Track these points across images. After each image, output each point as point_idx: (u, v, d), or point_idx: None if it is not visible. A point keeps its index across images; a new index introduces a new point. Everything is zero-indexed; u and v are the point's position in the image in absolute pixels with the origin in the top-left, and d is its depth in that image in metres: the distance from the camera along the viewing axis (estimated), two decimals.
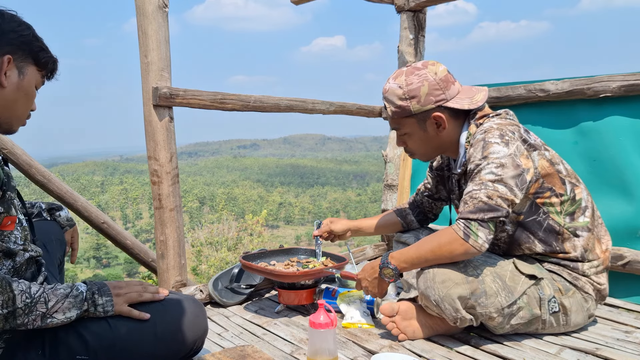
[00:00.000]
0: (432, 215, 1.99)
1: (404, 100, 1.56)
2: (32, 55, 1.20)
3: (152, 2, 1.85)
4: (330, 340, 1.37)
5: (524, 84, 2.40)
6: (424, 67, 1.57)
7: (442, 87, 1.56)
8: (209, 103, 2.07)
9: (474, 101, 1.58)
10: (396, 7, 2.94)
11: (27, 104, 1.23)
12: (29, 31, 1.19)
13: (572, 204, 1.56)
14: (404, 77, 1.57)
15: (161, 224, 1.98)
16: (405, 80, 1.56)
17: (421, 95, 1.55)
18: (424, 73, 1.55)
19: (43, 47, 1.23)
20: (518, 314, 1.51)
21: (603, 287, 1.61)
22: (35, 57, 1.21)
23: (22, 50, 1.18)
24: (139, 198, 54.91)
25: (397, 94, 1.57)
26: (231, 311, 1.95)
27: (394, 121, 1.64)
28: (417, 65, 1.58)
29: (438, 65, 1.58)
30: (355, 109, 2.84)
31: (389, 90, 1.59)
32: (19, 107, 1.21)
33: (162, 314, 1.23)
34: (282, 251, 2.20)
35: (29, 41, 1.19)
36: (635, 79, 2.06)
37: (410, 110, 1.57)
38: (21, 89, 1.19)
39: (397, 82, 1.57)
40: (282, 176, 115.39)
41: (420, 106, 1.56)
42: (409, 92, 1.55)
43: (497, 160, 1.45)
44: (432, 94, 1.55)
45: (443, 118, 1.57)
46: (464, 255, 1.44)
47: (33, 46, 1.20)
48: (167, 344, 1.22)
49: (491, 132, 1.49)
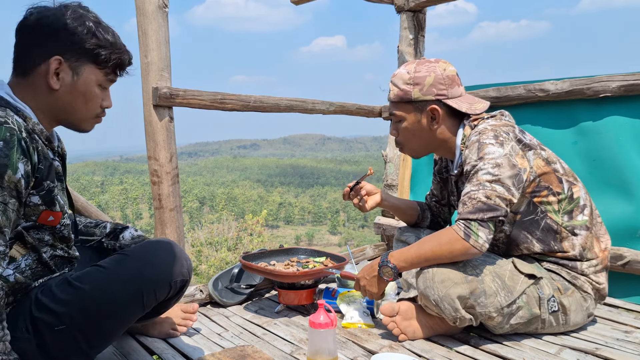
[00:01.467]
0: (440, 220, 1.98)
1: (408, 85, 1.61)
2: (86, 53, 1.14)
3: (152, 2, 1.85)
4: (330, 340, 1.37)
5: (524, 83, 2.40)
6: (436, 62, 1.62)
7: (446, 84, 1.59)
8: (209, 103, 2.07)
9: (473, 108, 1.62)
10: (396, 7, 2.94)
11: (88, 104, 1.19)
12: (84, 27, 1.13)
13: (570, 202, 1.57)
14: (414, 65, 1.62)
15: (161, 224, 1.98)
16: (415, 68, 1.61)
17: (425, 85, 1.59)
18: (433, 66, 1.60)
19: (101, 43, 1.15)
20: (517, 313, 1.52)
21: (602, 286, 1.61)
22: (92, 55, 1.15)
23: (74, 50, 1.13)
24: (139, 198, 54.94)
25: (403, 78, 1.62)
26: (231, 311, 1.95)
27: (393, 105, 1.67)
28: (430, 60, 1.64)
29: (449, 65, 1.63)
30: (355, 109, 2.84)
31: (397, 75, 1.64)
32: (79, 109, 1.18)
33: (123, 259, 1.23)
34: (282, 251, 2.20)
35: (81, 40, 1.12)
36: (635, 79, 2.06)
37: (411, 95, 1.60)
38: (76, 90, 1.16)
39: (406, 69, 1.63)
40: (282, 176, 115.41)
41: (421, 94, 1.59)
42: (415, 79, 1.60)
43: (493, 161, 1.46)
44: (435, 86, 1.59)
45: (439, 113, 1.60)
46: (464, 255, 1.45)
47: (87, 44, 1.13)
48: (137, 284, 1.20)
49: (485, 134, 1.51)
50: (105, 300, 1.17)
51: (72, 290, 1.17)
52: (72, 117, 1.20)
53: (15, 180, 1.02)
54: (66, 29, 1.11)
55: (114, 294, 1.19)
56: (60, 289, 1.17)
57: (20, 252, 1.16)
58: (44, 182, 1.13)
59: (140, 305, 1.24)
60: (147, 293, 1.22)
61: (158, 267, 1.26)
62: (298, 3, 3.05)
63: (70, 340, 1.17)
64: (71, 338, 1.16)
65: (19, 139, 1.03)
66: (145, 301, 1.23)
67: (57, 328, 1.14)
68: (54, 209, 1.17)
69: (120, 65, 1.22)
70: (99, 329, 1.19)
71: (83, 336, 1.18)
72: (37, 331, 1.14)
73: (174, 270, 1.27)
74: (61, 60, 1.12)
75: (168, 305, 1.39)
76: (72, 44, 1.12)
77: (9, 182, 1.01)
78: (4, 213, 1.02)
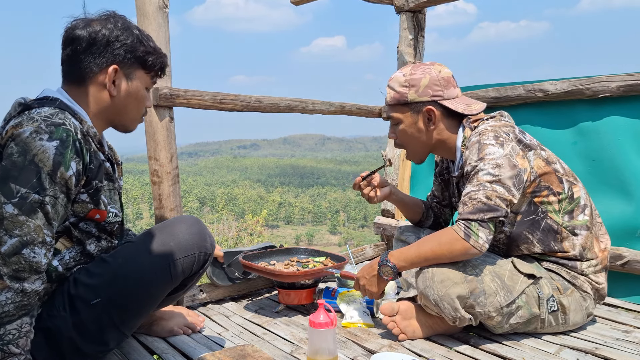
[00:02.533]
0: (442, 221, 1.99)
1: (404, 87, 1.62)
2: (138, 60, 1.28)
3: (152, 3, 1.85)
4: (330, 340, 1.37)
5: (523, 84, 2.40)
6: (431, 64, 1.64)
7: (441, 85, 1.61)
8: (209, 103, 2.08)
9: (470, 108, 1.63)
10: (395, 7, 2.94)
11: (139, 106, 1.33)
12: (133, 37, 1.26)
13: (570, 202, 1.57)
14: (410, 68, 1.64)
15: None
16: (410, 70, 1.63)
17: (420, 86, 1.60)
18: (428, 68, 1.62)
19: (148, 49, 1.29)
20: (517, 313, 1.52)
21: (602, 286, 1.62)
22: (142, 61, 1.28)
23: (128, 58, 1.26)
24: (139, 198, 54.94)
25: (399, 81, 1.64)
26: (231, 311, 1.95)
27: (390, 108, 1.68)
28: (425, 63, 1.66)
29: (444, 67, 1.65)
30: (354, 109, 2.84)
31: (393, 78, 1.66)
32: (131, 111, 1.32)
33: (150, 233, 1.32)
34: (282, 251, 2.21)
35: (133, 48, 1.25)
36: (634, 79, 2.06)
37: (407, 97, 1.62)
38: (130, 94, 1.29)
39: (402, 72, 1.65)
40: (282, 176, 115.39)
41: (416, 95, 1.61)
42: (410, 81, 1.61)
43: (494, 161, 1.46)
44: (430, 88, 1.60)
45: (435, 113, 1.61)
46: (464, 255, 1.45)
47: (138, 52, 1.26)
48: (164, 255, 1.28)
49: (485, 134, 1.52)
50: (134, 271, 1.25)
51: (105, 264, 1.26)
52: (125, 118, 1.33)
53: (66, 177, 1.11)
54: (118, 40, 1.23)
55: (142, 264, 1.27)
56: (95, 265, 1.26)
57: (66, 245, 1.25)
58: (92, 181, 1.22)
59: (168, 276, 1.30)
60: (173, 263, 1.30)
61: (183, 238, 1.33)
62: (298, 4, 3.05)
63: (104, 314, 1.24)
64: (105, 312, 1.24)
65: (74, 140, 1.12)
66: (172, 271, 1.30)
67: (92, 302, 1.21)
68: (99, 207, 1.26)
69: (162, 69, 1.36)
70: (130, 301, 1.27)
71: (116, 310, 1.25)
72: (74, 308, 1.21)
73: (198, 243, 1.35)
74: (117, 68, 1.25)
75: (193, 279, 1.46)
76: (126, 52, 1.25)
77: (60, 178, 1.10)
78: (53, 206, 1.10)
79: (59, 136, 1.10)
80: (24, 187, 1.06)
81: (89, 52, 1.22)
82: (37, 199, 1.07)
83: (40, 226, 1.09)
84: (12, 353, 1.08)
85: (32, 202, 1.07)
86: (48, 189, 1.09)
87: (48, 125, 1.10)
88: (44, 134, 1.09)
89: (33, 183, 1.07)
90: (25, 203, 1.06)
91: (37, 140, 1.08)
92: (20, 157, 1.07)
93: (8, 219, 1.06)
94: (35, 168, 1.07)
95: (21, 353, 1.09)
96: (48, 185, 1.09)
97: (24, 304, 1.09)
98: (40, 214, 1.08)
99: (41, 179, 1.08)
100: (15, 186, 1.06)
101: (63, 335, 1.21)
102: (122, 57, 1.24)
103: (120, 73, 1.26)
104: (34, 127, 1.09)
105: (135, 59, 1.27)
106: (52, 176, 1.09)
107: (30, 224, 1.07)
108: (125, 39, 1.24)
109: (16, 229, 1.06)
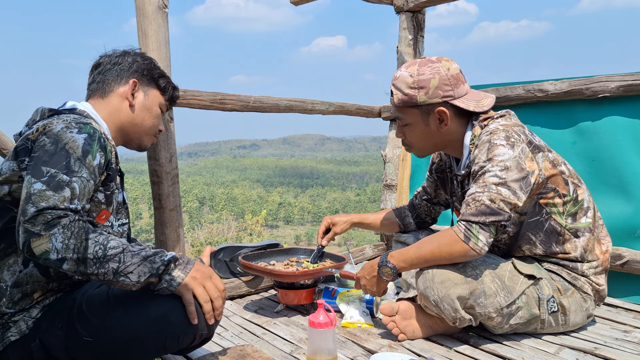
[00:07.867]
0: (429, 219, 1.99)
1: (412, 89, 1.56)
2: (153, 80, 1.51)
3: (152, 3, 1.85)
4: (329, 340, 1.37)
5: (523, 84, 2.40)
6: (438, 61, 1.57)
7: (452, 84, 1.55)
8: (208, 103, 2.08)
9: (480, 105, 1.58)
10: (395, 7, 2.94)
11: (154, 120, 1.52)
12: (150, 62, 1.52)
13: (575, 204, 1.56)
14: (417, 67, 1.56)
15: (161, 224, 1.99)
16: (418, 70, 1.56)
17: (430, 87, 1.54)
18: (437, 66, 1.55)
19: (162, 74, 1.54)
20: (517, 313, 1.52)
21: (602, 288, 1.61)
22: (157, 82, 1.52)
23: (145, 76, 1.49)
24: (139, 198, 54.91)
25: (406, 82, 1.56)
26: (231, 311, 1.95)
27: (398, 110, 1.63)
28: (431, 59, 1.58)
29: (452, 62, 1.58)
30: (354, 109, 2.84)
31: (399, 78, 1.58)
32: (146, 123, 1.50)
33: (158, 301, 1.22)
34: (282, 251, 2.21)
35: (150, 68, 1.51)
36: (634, 79, 2.06)
37: (417, 100, 1.56)
38: (146, 107, 1.49)
39: (408, 71, 1.57)
40: (282, 176, 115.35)
41: (427, 98, 1.55)
42: (419, 82, 1.55)
43: (502, 163, 1.44)
44: (441, 88, 1.54)
45: (447, 114, 1.57)
46: (463, 257, 1.45)
47: (154, 72, 1.51)
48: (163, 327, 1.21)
49: (497, 134, 1.49)
50: (130, 334, 1.20)
51: (106, 307, 1.22)
52: (140, 130, 1.49)
53: (93, 165, 1.20)
54: (138, 62, 1.49)
55: (139, 331, 1.20)
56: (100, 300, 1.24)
57: None
58: (110, 182, 1.29)
59: (161, 348, 1.25)
60: (170, 338, 1.23)
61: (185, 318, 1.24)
62: (298, 4, 3.05)
63: (93, 355, 1.21)
64: (94, 354, 1.21)
65: (99, 136, 1.23)
66: (167, 344, 1.24)
67: (84, 338, 1.20)
68: (109, 208, 1.31)
69: (173, 97, 1.58)
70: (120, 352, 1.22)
71: (104, 357, 1.22)
72: (69, 334, 1.20)
73: (201, 323, 1.25)
74: (137, 82, 1.46)
75: (187, 351, 1.43)
76: (144, 71, 1.49)
77: (89, 164, 1.19)
78: (80, 187, 1.15)
79: (87, 131, 1.21)
80: (53, 168, 1.13)
81: (113, 70, 1.45)
82: (65, 179, 1.13)
83: (66, 198, 1.11)
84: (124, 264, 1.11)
85: (60, 181, 1.12)
86: (77, 171, 1.15)
87: (77, 123, 1.22)
88: (73, 129, 1.20)
89: (62, 165, 1.14)
90: (53, 181, 1.11)
91: (67, 133, 1.18)
92: (52, 146, 1.16)
93: (36, 194, 1.08)
94: (65, 154, 1.16)
95: (122, 252, 1.11)
96: (77, 168, 1.16)
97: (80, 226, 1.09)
98: (67, 190, 1.12)
99: (70, 163, 1.15)
100: (45, 168, 1.13)
101: (54, 355, 1.21)
102: (141, 74, 1.48)
103: (139, 87, 1.47)
104: (65, 124, 1.20)
105: (151, 78, 1.50)
106: (82, 161, 1.17)
107: (57, 197, 1.10)
108: (143, 61, 1.50)
109: (42, 202, 1.08)
